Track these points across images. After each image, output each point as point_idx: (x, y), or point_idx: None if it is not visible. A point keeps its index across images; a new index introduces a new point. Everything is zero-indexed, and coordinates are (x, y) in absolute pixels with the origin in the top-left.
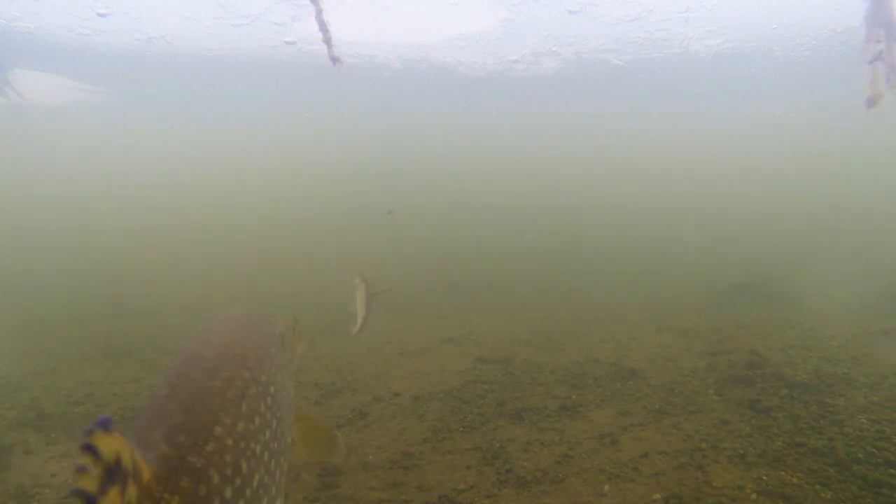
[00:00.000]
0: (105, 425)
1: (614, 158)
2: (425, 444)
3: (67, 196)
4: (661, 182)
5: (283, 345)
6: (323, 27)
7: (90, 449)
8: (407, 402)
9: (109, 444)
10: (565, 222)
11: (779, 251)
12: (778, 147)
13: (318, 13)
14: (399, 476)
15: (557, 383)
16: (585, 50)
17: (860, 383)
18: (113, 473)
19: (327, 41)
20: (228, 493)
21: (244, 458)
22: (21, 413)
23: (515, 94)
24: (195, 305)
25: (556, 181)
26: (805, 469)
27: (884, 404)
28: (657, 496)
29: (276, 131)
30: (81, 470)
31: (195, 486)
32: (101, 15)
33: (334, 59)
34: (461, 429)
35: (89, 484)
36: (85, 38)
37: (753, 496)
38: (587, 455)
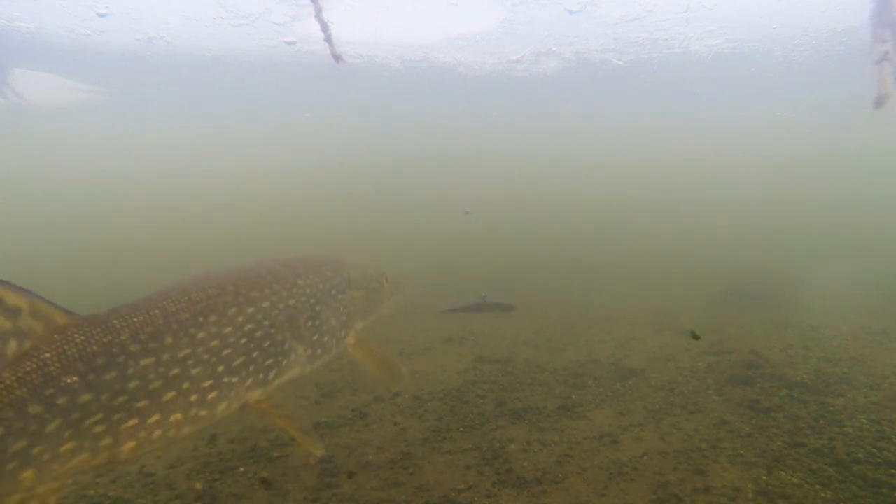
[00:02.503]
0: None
1: (614, 158)
2: (425, 444)
3: (67, 196)
4: (661, 182)
5: (347, 285)
6: (323, 26)
7: None
8: (407, 402)
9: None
10: (565, 222)
11: (779, 251)
12: (778, 147)
13: (318, 12)
14: (399, 476)
15: (557, 383)
16: (585, 50)
17: (860, 383)
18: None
19: (328, 39)
20: (138, 353)
21: (172, 335)
22: None
23: (515, 94)
24: None
25: (556, 181)
26: (805, 469)
27: (884, 404)
28: (657, 496)
29: (276, 131)
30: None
31: (108, 337)
32: (101, 15)
33: (337, 58)
34: (461, 429)
35: None
36: (85, 38)
37: (753, 496)
38: (587, 455)
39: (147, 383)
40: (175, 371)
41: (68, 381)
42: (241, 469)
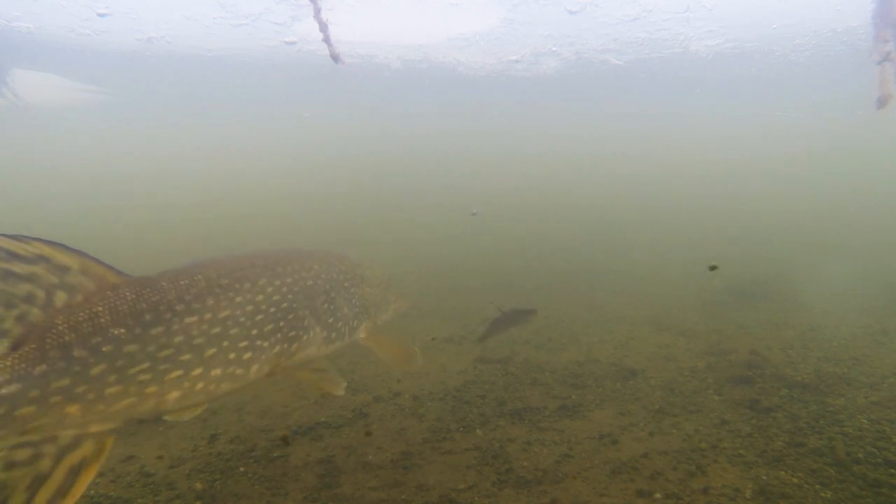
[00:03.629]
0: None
1: (614, 158)
2: (425, 444)
3: (67, 196)
4: (661, 182)
5: (361, 280)
6: (322, 26)
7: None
8: (407, 402)
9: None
10: (564, 222)
11: (779, 251)
12: (778, 146)
13: (317, 12)
14: (399, 476)
15: (557, 383)
16: (585, 50)
17: (860, 383)
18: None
19: (327, 40)
20: (183, 312)
21: (213, 297)
22: None
23: (515, 94)
24: None
25: (556, 181)
26: (805, 469)
27: (884, 404)
28: (657, 496)
29: (276, 131)
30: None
31: (156, 296)
32: (101, 15)
33: (335, 58)
34: (461, 429)
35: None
36: (85, 38)
37: (753, 496)
38: (587, 455)
39: (191, 339)
40: (216, 330)
41: (116, 332)
42: (241, 469)
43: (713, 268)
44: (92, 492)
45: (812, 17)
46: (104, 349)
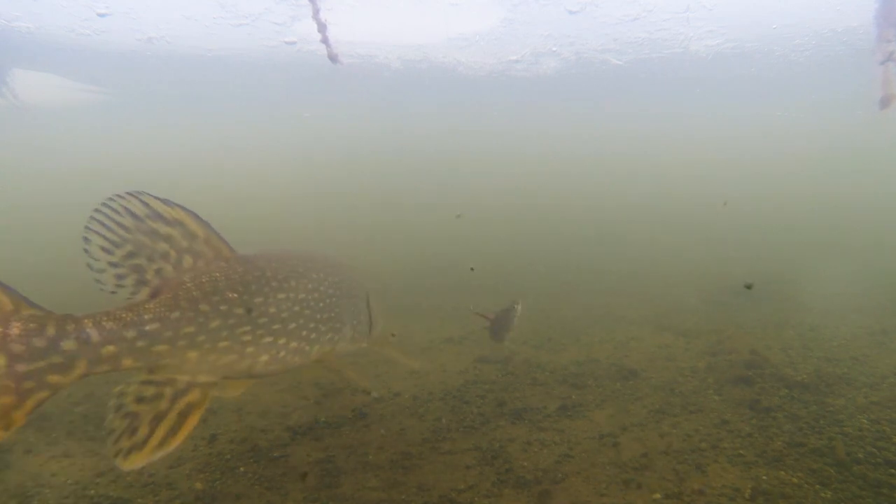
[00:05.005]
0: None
1: (614, 158)
2: (425, 444)
3: (67, 196)
4: (661, 182)
5: (367, 297)
6: (321, 26)
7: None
8: (407, 402)
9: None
10: (565, 222)
11: (779, 251)
12: (778, 147)
13: (316, 12)
14: (399, 476)
15: (557, 383)
16: (585, 50)
17: (860, 383)
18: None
19: (325, 40)
20: (276, 289)
21: (295, 280)
22: None
23: (515, 94)
24: None
25: (557, 181)
26: (805, 469)
27: (884, 404)
28: (657, 496)
29: (276, 131)
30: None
31: (258, 272)
32: (101, 15)
33: (333, 58)
34: (461, 429)
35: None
36: (85, 38)
37: (753, 496)
38: (587, 455)
39: (280, 312)
40: (296, 308)
41: (230, 295)
42: (241, 469)
43: (749, 286)
44: (92, 492)
45: (812, 17)
46: (221, 308)
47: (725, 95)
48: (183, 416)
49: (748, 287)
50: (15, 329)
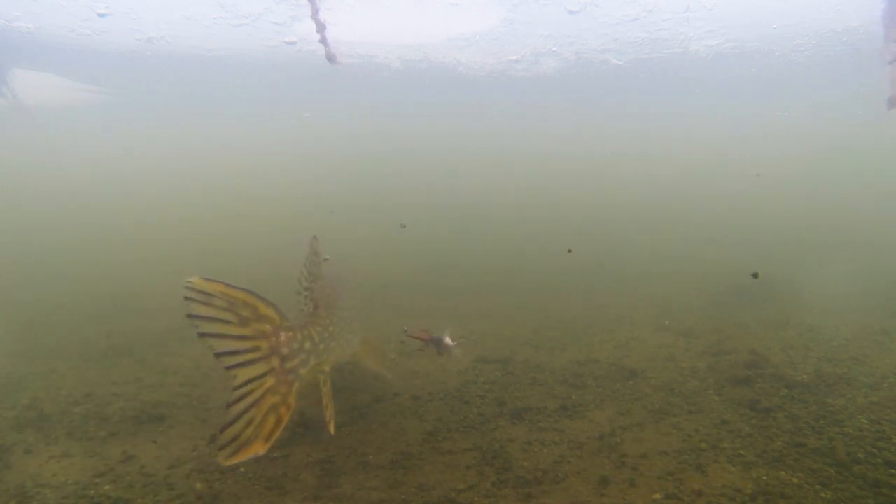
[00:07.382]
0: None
1: (614, 158)
2: (425, 444)
3: (67, 195)
4: (661, 182)
5: (361, 300)
6: (320, 26)
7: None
8: (407, 402)
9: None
10: (565, 222)
11: (779, 251)
12: (778, 147)
13: (315, 13)
14: (399, 476)
15: (557, 383)
16: (585, 50)
17: (860, 383)
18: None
19: (323, 40)
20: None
21: (329, 324)
22: (21, 413)
23: (515, 94)
24: None
25: (557, 181)
26: (805, 469)
27: (884, 404)
28: (657, 496)
29: (276, 131)
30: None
31: (331, 302)
32: (101, 15)
33: (331, 58)
34: (461, 429)
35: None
36: (85, 38)
37: (753, 496)
38: (587, 455)
39: (346, 322)
40: (350, 318)
41: (328, 321)
42: (241, 469)
43: (755, 275)
44: (92, 492)
45: (812, 17)
46: (330, 329)
47: (725, 95)
48: (329, 389)
49: (755, 276)
50: (283, 337)
